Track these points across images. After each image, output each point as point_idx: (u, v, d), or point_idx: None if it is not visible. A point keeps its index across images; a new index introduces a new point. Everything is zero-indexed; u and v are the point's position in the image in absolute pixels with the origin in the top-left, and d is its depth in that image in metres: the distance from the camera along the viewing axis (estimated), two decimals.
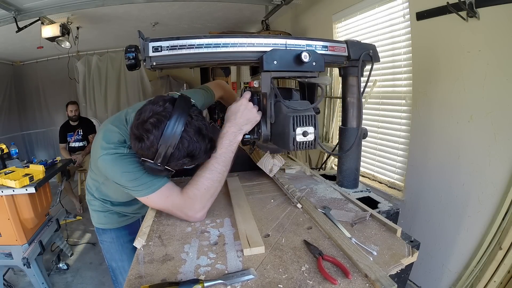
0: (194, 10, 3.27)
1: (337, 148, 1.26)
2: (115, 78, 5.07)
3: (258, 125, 0.90)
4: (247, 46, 0.84)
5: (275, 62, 0.81)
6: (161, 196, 0.87)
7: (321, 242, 0.74)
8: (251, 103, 0.90)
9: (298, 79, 0.88)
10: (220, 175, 0.90)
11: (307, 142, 0.78)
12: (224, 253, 0.70)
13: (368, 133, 1.13)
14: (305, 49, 0.84)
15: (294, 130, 0.76)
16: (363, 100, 1.03)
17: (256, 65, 0.89)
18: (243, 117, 0.89)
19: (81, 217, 3.57)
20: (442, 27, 1.59)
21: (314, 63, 0.83)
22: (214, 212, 0.94)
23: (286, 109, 0.79)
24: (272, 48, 0.83)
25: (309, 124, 0.77)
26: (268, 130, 0.88)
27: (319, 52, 0.92)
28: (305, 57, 0.79)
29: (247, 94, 0.92)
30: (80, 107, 4.96)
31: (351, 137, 1.09)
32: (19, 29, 2.73)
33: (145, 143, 0.76)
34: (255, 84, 0.87)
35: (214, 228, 0.83)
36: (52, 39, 3.12)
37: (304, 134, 0.77)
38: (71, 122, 3.89)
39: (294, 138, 0.76)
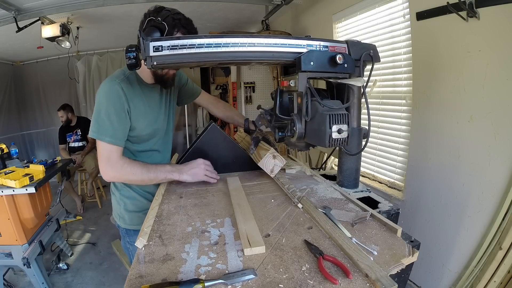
0: (194, 10, 3.26)
1: (337, 148, 1.26)
2: None
3: (293, 122, 0.94)
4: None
5: (312, 63, 0.86)
6: (104, 148, 1.06)
7: (322, 242, 0.74)
8: (203, 165, 1.14)
9: (330, 80, 0.93)
10: (147, 178, 1.10)
11: (342, 139, 0.83)
12: (225, 253, 0.70)
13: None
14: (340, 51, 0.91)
15: (330, 128, 0.81)
16: (362, 100, 1.03)
17: (288, 64, 0.95)
18: (191, 170, 1.13)
19: (81, 217, 3.57)
20: (442, 27, 1.59)
21: (346, 65, 0.89)
22: (215, 212, 0.94)
23: (322, 108, 0.85)
24: (309, 49, 0.87)
25: (343, 122, 0.83)
26: (303, 127, 0.92)
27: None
28: (339, 59, 0.85)
29: (205, 163, 1.15)
30: (80, 107, 5.00)
31: (353, 137, 1.09)
32: (19, 29, 2.73)
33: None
34: (291, 83, 0.94)
35: (214, 228, 0.83)
36: (52, 39, 3.12)
37: (339, 131, 0.82)
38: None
39: (330, 135, 0.81)
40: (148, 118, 1.17)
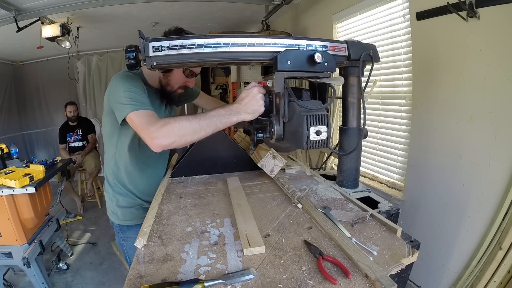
0: (194, 10, 3.26)
1: (337, 148, 1.26)
2: None
3: (271, 124, 0.91)
4: (250, 46, 0.84)
5: (289, 63, 0.83)
6: (142, 115, 0.96)
7: (321, 242, 0.74)
8: (260, 95, 0.92)
9: (310, 79, 0.90)
10: (198, 126, 0.91)
11: (320, 141, 0.80)
12: (224, 253, 0.70)
13: (368, 133, 1.13)
14: (318, 49, 0.87)
15: (308, 129, 0.78)
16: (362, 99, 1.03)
17: (267, 65, 0.91)
18: (247, 105, 0.91)
19: (81, 217, 3.57)
20: (442, 27, 1.59)
21: (326, 64, 0.85)
22: (214, 212, 0.94)
23: (300, 108, 0.81)
24: (285, 48, 0.84)
25: (322, 123, 0.80)
26: (281, 129, 0.89)
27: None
28: (318, 57, 0.81)
29: (260, 87, 0.93)
30: (80, 107, 4.99)
31: (352, 137, 1.09)
32: (19, 29, 2.72)
33: None
34: (269, 84, 0.89)
35: (214, 228, 0.83)
36: (52, 39, 3.12)
37: (317, 133, 0.79)
38: (70, 123, 3.88)
39: (308, 137, 0.78)
40: (159, 114, 1.18)
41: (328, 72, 0.88)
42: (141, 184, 1.24)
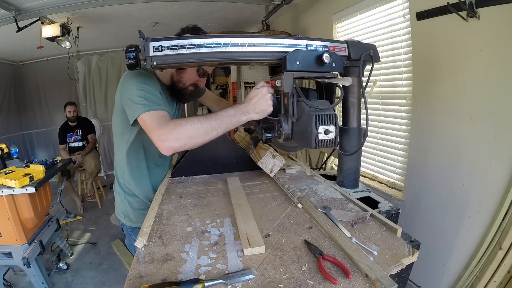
0: (194, 10, 3.26)
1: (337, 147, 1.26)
2: (115, 78, 5.07)
3: (279, 123, 0.92)
4: (251, 46, 0.84)
5: (297, 63, 0.83)
6: (153, 116, 0.93)
7: (322, 242, 0.74)
8: (269, 95, 0.93)
9: (318, 80, 0.90)
10: (210, 127, 0.91)
11: (328, 140, 0.81)
12: (225, 253, 0.70)
13: (368, 133, 1.13)
14: (326, 50, 0.88)
15: (317, 129, 0.79)
16: (362, 100, 1.03)
17: (275, 65, 0.92)
18: (256, 104, 0.92)
19: (81, 217, 3.57)
20: (442, 27, 1.59)
21: (334, 64, 0.86)
22: (215, 212, 0.94)
23: (308, 108, 0.82)
24: (294, 49, 0.85)
25: (330, 123, 0.80)
26: (290, 128, 0.90)
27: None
28: (326, 58, 0.82)
29: (269, 87, 0.94)
30: (80, 107, 4.99)
31: (352, 137, 1.09)
32: (19, 29, 2.72)
33: None
34: (277, 83, 0.90)
35: (214, 228, 0.83)
36: (52, 39, 3.12)
37: (326, 132, 0.79)
38: (70, 123, 3.88)
39: (317, 136, 0.79)
40: (170, 111, 1.18)
41: (336, 73, 0.89)
42: (148, 184, 1.23)
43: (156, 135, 0.90)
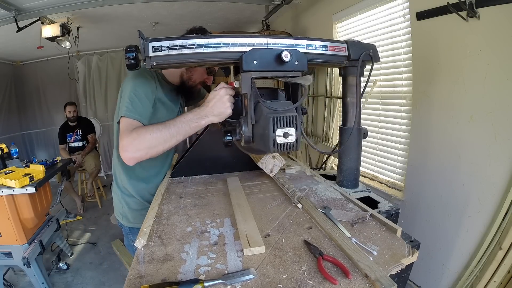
0: (194, 10, 3.26)
1: (337, 148, 1.26)
2: (115, 78, 5.08)
3: (240, 126, 0.88)
4: (248, 45, 0.83)
5: (255, 62, 0.79)
6: (127, 123, 0.97)
7: (321, 242, 0.74)
8: (227, 96, 0.90)
9: (281, 79, 0.86)
10: (169, 135, 0.93)
11: (289, 143, 0.76)
12: (224, 253, 0.70)
13: (368, 133, 1.13)
14: (287, 48, 0.81)
15: (274, 132, 0.74)
16: (363, 100, 1.03)
17: (237, 64, 0.87)
18: (214, 107, 0.90)
19: (81, 217, 3.57)
20: (442, 27, 1.59)
21: (296, 63, 0.81)
22: (214, 212, 0.94)
23: (267, 110, 0.77)
24: (252, 48, 0.81)
25: (290, 125, 0.75)
26: (250, 131, 0.85)
27: (318, 52, 0.92)
28: (285, 56, 0.77)
29: (227, 89, 0.91)
30: (80, 107, 4.99)
31: (352, 137, 1.09)
32: (19, 29, 2.73)
33: None
34: (236, 84, 0.86)
35: (214, 228, 0.83)
36: (52, 39, 3.12)
37: (285, 135, 0.74)
38: (69, 123, 3.88)
39: (275, 140, 0.74)
40: (170, 110, 1.20)
41: (299, 72, 0.84)
42: (144, 185, 1.24)
43: (120, 144, 0.93)
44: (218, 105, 0.90)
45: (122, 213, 1.26)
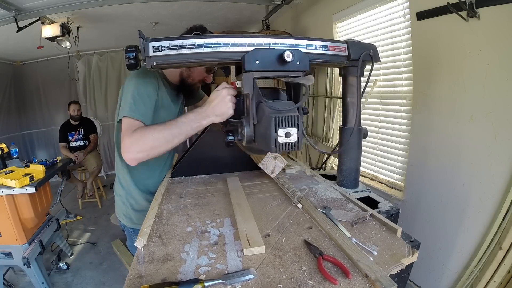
0: (194, 10, 3.26)
1: (337, 148, 1.26)
2: (116, 78, 5.08)
3: (242, 126, 0.88)
4: (249, 45, 0.83)
5: (257, 62, 0.79)
6: (129, 123, 0.97)
7: (321, 242, 0.74)
8: (229, 97, 0.90)
9: (283, 79, 0.86)
10: (171, 136, 0.93)
11: (290, 143, 0.76)
12: (224, 253, 0.70)
13: (368, 133, 1.13)
14: (289, 48, 0.82)
15: (276, 131, 0.74)
16: (363, 100, 1.03)
17: (239, 65, 0.87)
18: (216, 107, 0.90)
19: (81, 217, 3.57)
20: (443, 27, 1.59)
21: (298, 63, 0.81)
22: (214, 212, 0.94)
23: (269, 110, 0.77)
24: (254, 47, 0.81)
25: (292, 125, 0.75)
26: (252, 131, 0.85)
27: (319, 51, 0.92)
28: (287, 56, 0.77)
29: (229, 89, 0.91)
30: (80, 107, 4.99)
31: (352, 137, 1.09)
32: (19, 29, 2.72)
33: None
34: (238, 84, 0.86)
35: (214, 228, 0.83)
36: (52, 38, 3.12)
37: (287, 135, 0.74)
38: (72, 122, 3.90)
39: (276, 139, 0.74)
40: (170, 110, 1.20)
41: (301, 72, 0.84)
42: (148, 185, 1.24)
43: (122, 144, 0.93)
44: (220, 105, 0.90)
45: (125, 214, 1.26)
